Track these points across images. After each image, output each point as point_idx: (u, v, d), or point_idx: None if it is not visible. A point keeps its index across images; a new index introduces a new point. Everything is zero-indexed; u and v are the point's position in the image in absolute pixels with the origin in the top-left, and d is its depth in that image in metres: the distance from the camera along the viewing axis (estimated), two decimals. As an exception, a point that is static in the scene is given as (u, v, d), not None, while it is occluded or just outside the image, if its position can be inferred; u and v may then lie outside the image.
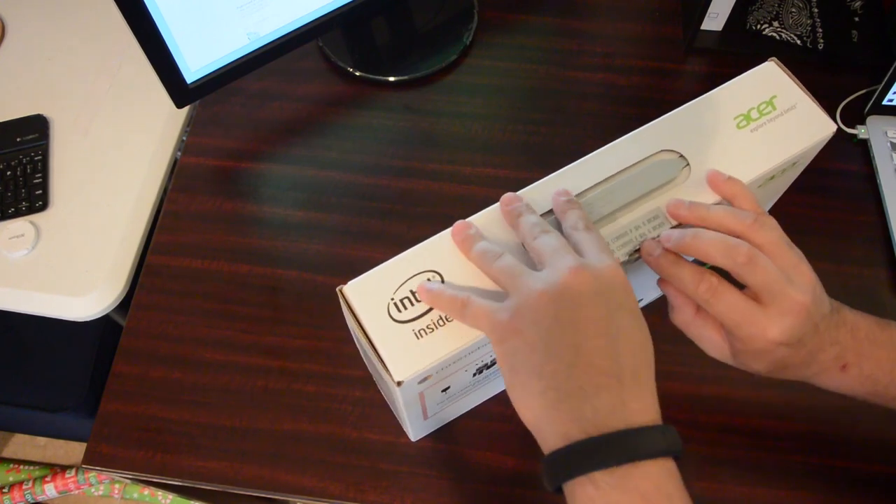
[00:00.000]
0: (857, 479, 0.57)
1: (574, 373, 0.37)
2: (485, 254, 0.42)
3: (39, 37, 0.87)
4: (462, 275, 0.43)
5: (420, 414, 0.51)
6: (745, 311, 0.41)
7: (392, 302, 0.43)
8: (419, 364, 0.41)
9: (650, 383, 0.38)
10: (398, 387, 0.41)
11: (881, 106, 0.73)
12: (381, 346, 0.42)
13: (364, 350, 0.46)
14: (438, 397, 0.49)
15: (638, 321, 0.39)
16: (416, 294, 0.43)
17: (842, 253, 0.67)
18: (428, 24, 0.81)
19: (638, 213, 0.46)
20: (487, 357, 0.47)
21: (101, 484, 1.27)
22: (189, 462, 0.59)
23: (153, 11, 0.58)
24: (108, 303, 0.72)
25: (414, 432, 0.57)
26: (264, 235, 0.69)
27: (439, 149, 0.73)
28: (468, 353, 0.43)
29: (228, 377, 0.62)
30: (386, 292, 0.43)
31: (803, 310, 0.40)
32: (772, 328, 0.40)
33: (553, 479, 0.36)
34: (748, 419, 0.60)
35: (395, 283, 0.43)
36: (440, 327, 0.42)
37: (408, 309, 0.42)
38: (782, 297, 0.40)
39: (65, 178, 0.78)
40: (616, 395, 0.36)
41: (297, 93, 0.77)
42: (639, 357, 0.38)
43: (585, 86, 0.77)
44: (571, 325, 0.37)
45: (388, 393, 0.52)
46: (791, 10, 0.81)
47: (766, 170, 0.48)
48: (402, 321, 0.42)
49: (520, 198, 0.45)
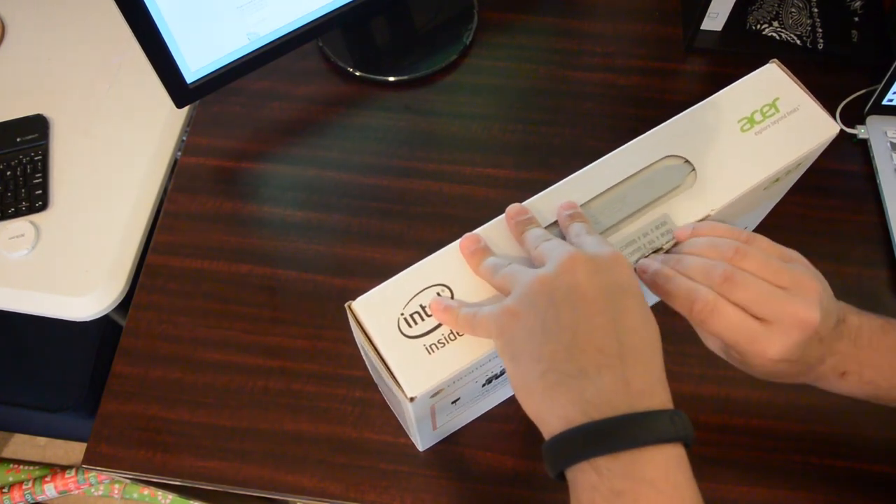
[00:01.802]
0: (857, 479, 0.57)
1: (574, 353, 0.35)
2: (492, 267, 0.42)
3: (39, 37, 0.87)
4: (472, 288, 0.43)
5: (429, 426, 0.51)
6: (744, 329, 0.39)
7: (402, 317, 0.42)
8: (432, 380, 0.41)
9: (656, 364, 0.37)
10: (411, 402, 0.41)
11: (881, 106, 0.73)
12: (393, 363, 0.41)
13: (373, 364, 0.45)
14: (448, 409, 0.49)
15: (640, 300, 0.38)
16: (426, 308, 0.42)
17: (842, 253, 0.67)
18: (428, 24, 0.81)
19: (646, 221, 0.46)
20: (497, 368, 0.46)
21: (101, 484, 1.27)
22: (189, 462, 0.59)
23: (153, 11, 0.58)
24: (108, 303, 0.72)
25: (422, 443, 0.57)
26: (264, 235, 0.69)
27: (439, 149, 0.73)
28: (479, 366, 0.43)
29: (228, 377, 0.62)
30: (395, 307, 0.42)
31: (810, 327, 0.39)
32: (771, 348, 0.39)
33: (554, 464, 0.35)
34: (748, 419, 0.60)
35: (405, 297, 0.43)
36: (451, 342, 0.41)
37: (418, 324, 0.42)
38: (784, 315, 0.39)
39: (65, 178, 0.78)
40: (619, 374, 0.35)
41: (297, 93, 0.77)
42: (642, 335, 0.37)
43: (585, 86, 0.77)
44: (569, 304, 0.36)
45: (395, 404, 0.52)
46: (791, 10, 0.81)
47: (771, 172, 0.48)
48: (412, 336, 0.42)
49: (525, 210, 0.45)
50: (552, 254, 0.39)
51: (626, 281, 0.38)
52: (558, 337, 0.36)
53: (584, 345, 0.36)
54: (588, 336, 0.36)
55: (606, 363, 0.35)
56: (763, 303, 0.39)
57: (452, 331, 0.42)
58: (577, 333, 0.36)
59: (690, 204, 0.46)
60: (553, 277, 0.37)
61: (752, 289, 0.39)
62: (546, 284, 0.37)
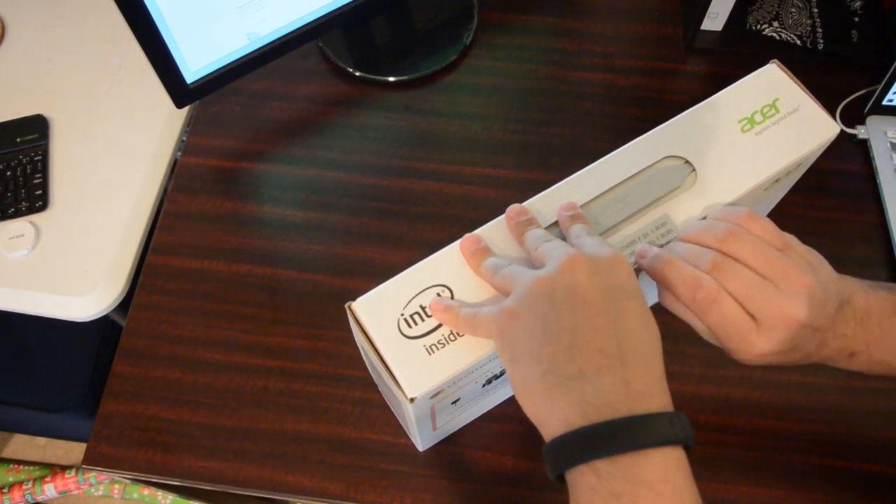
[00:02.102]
0: (857, 479, 0.57)
1: (573, 354, 0.35)
2: (492, 268, 0.42)
3: (39, 37, 0.87)
4: (472, 288, 0.43)
5: (430, 426, 0.51)
6: (737, 324, 0.39)
7: (402, 318, 0.42)
8: (432, 380, 0.41)
9: (656, 366, 0.36)
10: (411, 403, 0.41)
11: (881, 106, 0.73)
12: (393, 364, 0.41)
13: (373, 365, 0.45)
14: (448, 409, 0.49)
15: (640, 302, 0.37)
16: (426, 309, 0.42)
17: (842, 253, 0.67)
18: (428, 24, 0.81)
19: (646, 221, 0.46)
20: (497, 368, 0.46)
21: (101, 484, 1.27)
22: (189, 462, 0.59)
23: (153, 11, 0.58)
24: (108, 303, 0.72)
25: (422, 444, 0.57)
26: (264, 235, 0.69)
27: (439, 149, 0.73)
28: (479, 367, 0.43)
29: (228, 377, 0.62)
30: (396, 308, 0.42)
31: (793, 324, 0.39)
32: (759, 344, 0.39)
33: (553, 467, 0.35)
34: (748, 419, 0.60)
35: (405, 298, 0.43)
36: (451, 342, 0.41)
37: (418, 324, 0.42)
38: (768, 311, 0.39)
39: (65, 178, 0.78)
40: (619, 376, 0.35)
41: (297, 93, 0.77)
42: (641, 337, 0.36)
43: (585, 86, 0.77)
44: (568, 305, 0.36)
45: (395, 405, 0.52)
46: (791, 10, 0.81)
47: (772, 173, 0.47)
48: (412, 337, 0.42)
49: (526, 210, 0.45)
50: (552, 254, 0.39)
51: (626, 282, 0.38)
52: (558, 338, 0.36)
53: (583, 346, 0.35)
54: (588, 337, 0.36)
55: (606, 364, 0.35)
56: (750, 296, 0.39)
57: (453, 331, 0.42)
58: (576, 334, 0.36)
59: (690, 204, 0.46)
60: (553, 278, 0.37)
61: (740, 279, 0.39)
62: (546, 285, 0.37)
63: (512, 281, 0.40)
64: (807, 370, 0.61)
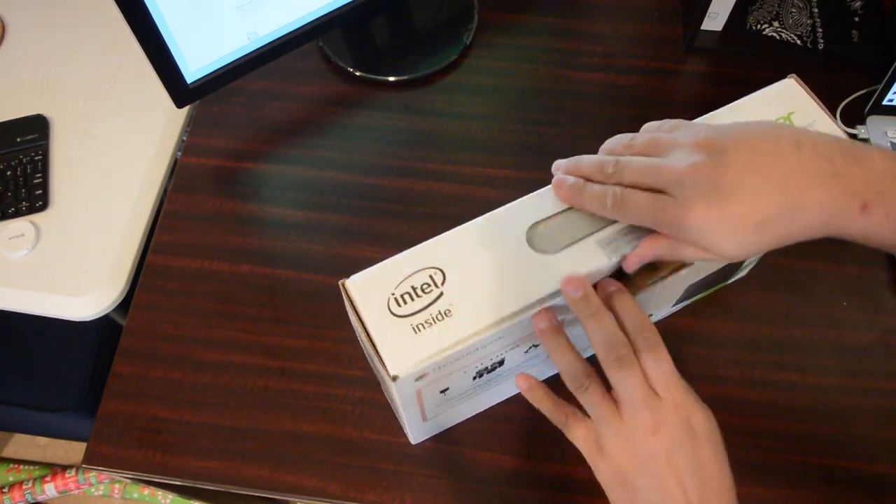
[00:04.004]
0: (857, 479, 0.57)
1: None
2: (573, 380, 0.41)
3: (39, 37, 0.87)
4: (464, 273, 0.43)
5: (418, 415, 0.51)
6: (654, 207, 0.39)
7: (393, 296, 0.43)
8: (415, 358, 0.41)
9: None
10: (394, 381, 0.41)
11: (881, 106, 0.73)
12: (379, 340, 0.42)
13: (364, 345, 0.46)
14: (437, 398, 0.49)
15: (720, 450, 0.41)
16: (417, 290, 0.43)
17: (842, 253, 0.67)
18: (428, 24, 0.81)
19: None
20: (487, 361, 0.47)
21: (101, 484, 1.27)
22: (189, 462, 0.59)
23: (153, 11, 0.58)
24: (108, 303, 0.72)
25: (413, 435, 0.57)
26: (264, 235, 0.69)
27: (439, 149, 0.73)
28: (466, 354, 0.43)
29: (228, 377, 0.62)
30: (387, 287, 0.43)
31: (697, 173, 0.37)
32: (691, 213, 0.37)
33: None
34: (748, 419, 0.59)
35: (397, 278, 0.43)
36: (437, 322, 0.42)
37: (408, 304, 0.42)
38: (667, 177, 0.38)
39: (65, 178, 0.78)
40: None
41: (297, 93, 0.77)
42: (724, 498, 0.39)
43: (585, 86, 0.77)
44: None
45: (388, 392, 0.52)
46: (791, 10, 0.81)
47: None
48: (401, 315, 0.42)
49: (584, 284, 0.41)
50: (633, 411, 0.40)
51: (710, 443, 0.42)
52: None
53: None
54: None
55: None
56: (646, 174, 0.39)
57: (441, 312, 0.42)
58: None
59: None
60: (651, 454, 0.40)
61: (631, 168, 0.40)
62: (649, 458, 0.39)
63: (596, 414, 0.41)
64: (807, 370, 0.61)
